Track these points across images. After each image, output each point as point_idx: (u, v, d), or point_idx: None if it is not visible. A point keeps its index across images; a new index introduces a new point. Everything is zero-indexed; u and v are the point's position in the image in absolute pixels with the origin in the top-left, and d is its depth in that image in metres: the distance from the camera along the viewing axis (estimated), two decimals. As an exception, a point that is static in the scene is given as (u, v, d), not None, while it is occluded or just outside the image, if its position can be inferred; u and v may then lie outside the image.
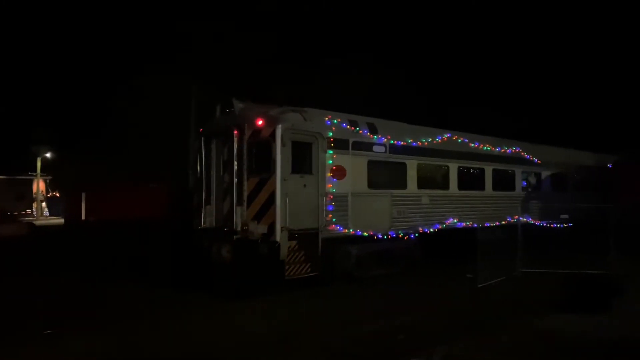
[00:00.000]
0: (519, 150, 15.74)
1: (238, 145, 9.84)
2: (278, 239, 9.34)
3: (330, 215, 10.24)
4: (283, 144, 9.54)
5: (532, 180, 16.34)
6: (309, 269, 9.92)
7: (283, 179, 9.50)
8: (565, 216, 14.67)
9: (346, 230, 10.49)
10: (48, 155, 38.00)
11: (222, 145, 10.67)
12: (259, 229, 9.51)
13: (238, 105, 10.25)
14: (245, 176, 9.77)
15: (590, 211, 13.45)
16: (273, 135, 9.54)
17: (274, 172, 9.49)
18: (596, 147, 20.13)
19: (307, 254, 9.86)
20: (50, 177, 39.86)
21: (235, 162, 9.81)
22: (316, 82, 25.19)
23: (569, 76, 31.58)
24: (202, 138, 10.79)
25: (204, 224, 10.54)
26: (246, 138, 9.83)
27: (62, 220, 25.44)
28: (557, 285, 9.99)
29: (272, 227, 9.41)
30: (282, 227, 9.38)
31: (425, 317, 8.14)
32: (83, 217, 20.10)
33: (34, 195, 37.73)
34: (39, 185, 37.97)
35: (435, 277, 11.52)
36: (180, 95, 23.88)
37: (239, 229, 9.64)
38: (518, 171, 15.65)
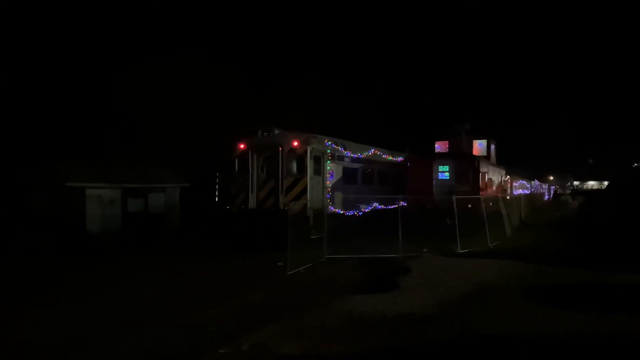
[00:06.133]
0: (405, 159, 24.10)
1: (281, 157, 15.80)
2: (309, 214, 15.64)
3: (329, 200, 16.83)
4: (310, 158, 15.86)
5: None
6: (318, 233, 16.32)
7: (310, 178, 15.82)
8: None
9: (335, 210, 17.17)
10: None
11: (259, 156, 16.44)
12: (295, 208, 15.64)
13: (276, 130, 16.19)
14: (284, 176, 15.78)
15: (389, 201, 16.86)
16: (305, 152, 15.79)
17: (305, 174, 15.76)
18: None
19: (317, 224, 16.25)
20: None
21: (280, 168, 15.75)
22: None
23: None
24: (249, 151, 16.36)
25: (250, 206, 16.20)
26: (285, 152, 15.84)
27: None
28: (357, 268, 11.74)
29: (304, 207, 15.65)
30: (310, 207, 15.69)
31: (236, 306, 8.38)
32: None
33: None
34: None
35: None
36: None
37: (281, 208, 15.65)
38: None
